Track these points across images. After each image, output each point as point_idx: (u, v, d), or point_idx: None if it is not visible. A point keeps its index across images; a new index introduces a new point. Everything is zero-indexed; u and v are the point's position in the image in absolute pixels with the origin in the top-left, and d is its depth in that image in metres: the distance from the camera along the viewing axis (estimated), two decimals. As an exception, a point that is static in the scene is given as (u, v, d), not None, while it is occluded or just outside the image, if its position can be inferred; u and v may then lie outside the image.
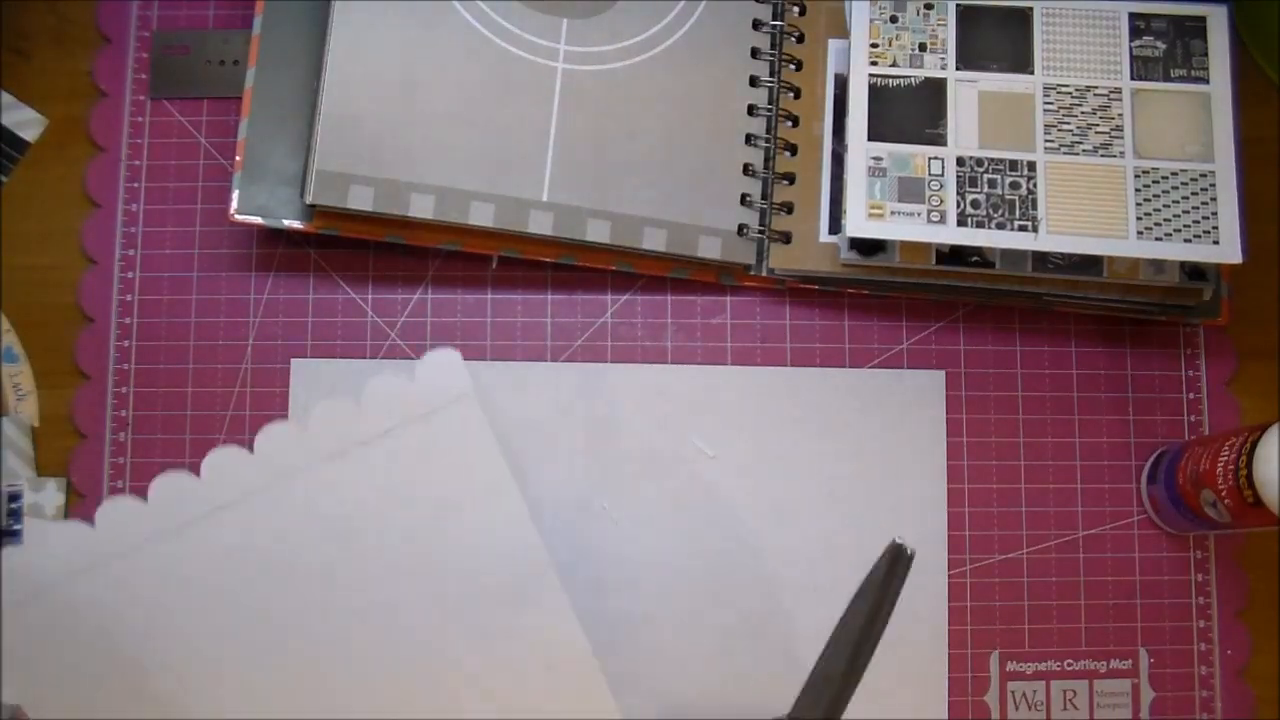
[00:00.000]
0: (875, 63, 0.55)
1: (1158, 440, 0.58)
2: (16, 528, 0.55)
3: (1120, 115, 0.54)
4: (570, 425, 0.57)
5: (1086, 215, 0.53)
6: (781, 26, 0.58)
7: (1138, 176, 0.53)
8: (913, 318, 0.59)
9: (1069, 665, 0.57)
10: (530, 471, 0.56)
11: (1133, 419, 0.58)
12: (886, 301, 0.59)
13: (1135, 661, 0.57)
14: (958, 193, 0.54)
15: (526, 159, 0.55)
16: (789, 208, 0.57)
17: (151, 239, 0.58)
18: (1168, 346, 0.59)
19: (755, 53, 0.58)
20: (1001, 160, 0.54)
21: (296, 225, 0.55)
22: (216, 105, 0.59)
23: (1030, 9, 0.56)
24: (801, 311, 0.59)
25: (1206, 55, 0.55)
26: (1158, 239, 0.53)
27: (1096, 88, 0.55)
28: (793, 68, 0.58)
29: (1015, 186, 0.54)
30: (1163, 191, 0.53)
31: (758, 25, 0.58)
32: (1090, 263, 0.55)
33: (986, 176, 0.54)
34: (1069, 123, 0.54)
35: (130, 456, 0.56)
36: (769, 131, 0.58)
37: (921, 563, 0.56)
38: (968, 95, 0.55)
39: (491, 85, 0.55)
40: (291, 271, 0.58)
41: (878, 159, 0.54)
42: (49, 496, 0.56)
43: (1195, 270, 0.55)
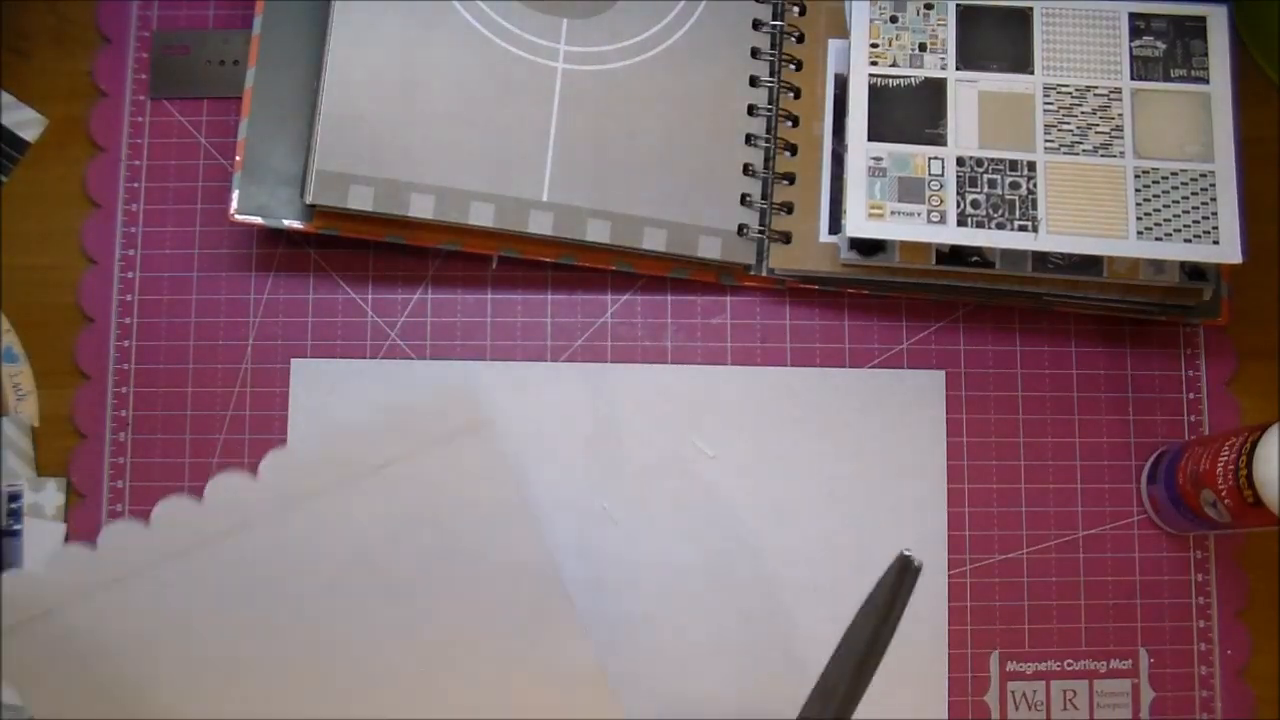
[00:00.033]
0: (875, 63, 0.55)
1: (1158, 440, 0.58)
2: (16, 528, 0.55)
3: (1120, 115, 0.54)
4: (570, 425, 0.57)
5: (1086, 215, 0.53)
6: (781, 26, 0.58)
7: (1138, 176, 0.53)
8: (913, 318, 0.59)
9: (1069, 665, 0.57)
10: (530, 472, 0.56)
11: (1133, 419, 0.58)
12: (886, 301, 0.59)
13: (1135, 661, 0.57)
14: (958, 193, 0.54)
15: (526, 159, 0.55)
16: (789, 208, 0.57)
17: (151, 239, 0.58)
18: (1168, 346, 0.59)
19: (755, 53, 0.58)
20: (1001, 160, 0.54)
21: (296, 225, 0.55)
22: (216, 105, 0.59)
23: (1030, 9, 0.56)
24: (801, 311, 0.59)
25: (1206, 55, 0.55)
26: (1158, 239, 0.53)
27: (1096, 88, 0.55)
28: (793, 68, 0.58)
29: (1015, 186, 0.54)
30: (1163, 191, 0.53)
31: (758, 25, 0.58)
32: (1090, 263, 0.55)
33: (986, 176, 0.54)
34: (1069, 123, 0.54)
35: (130, 456, 0.56)
36: (769, 131, 0.58)
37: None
38: (968, 95, 0.55)
39: (491, 85, 0.55)
40: (291, 271, 0.58)
41: (878, 159, 0.54)
42: (49, 496, 0.56)
43: (1195, 270, 0.55)
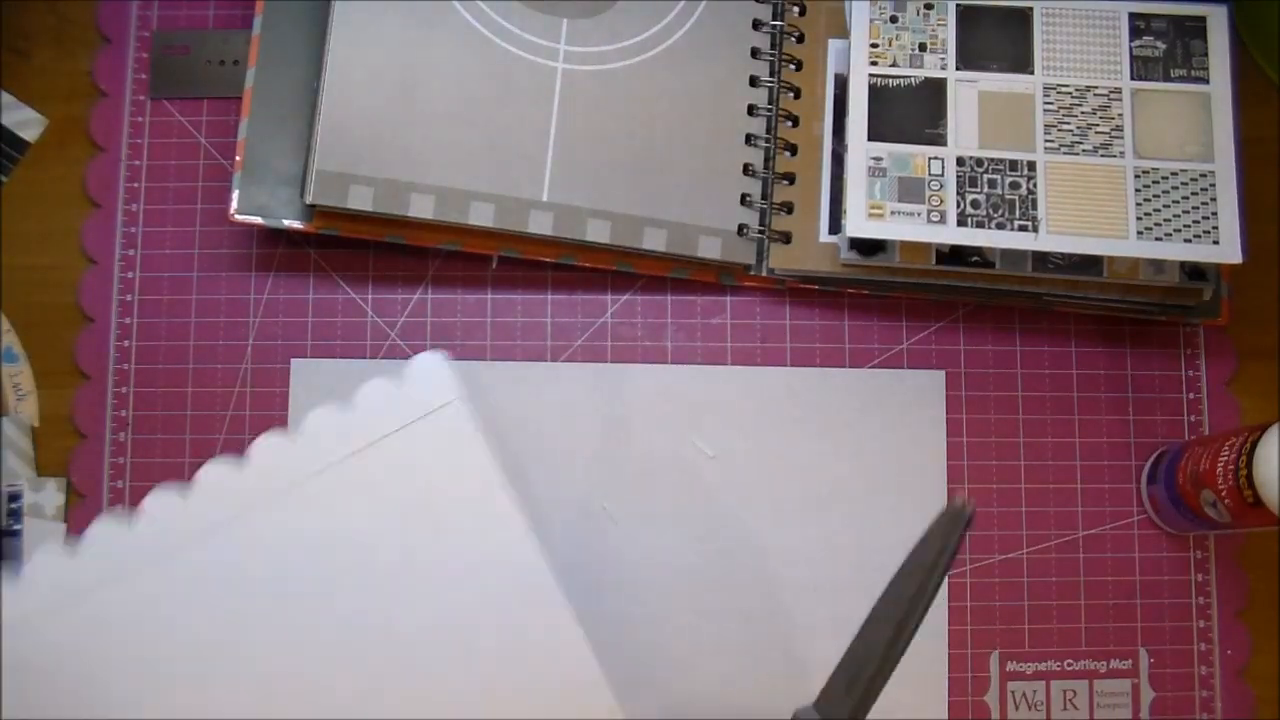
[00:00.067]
0: (875, 63, 0.55)
1: (1158, 440, 0.58)
2: (16, 528, 0.55)
3: (1120, 115, 0.54)
4: (570, 426, 0.57)
5: (1086, 215, 0.53)
6: (781, 26, 0.58)
7: (1138, 176, 0.53)
8: (913, 318, 0.59)
9: (1069, 665, 0.57)
10: (530, 472, 0.56)
11: (1133, 419, 0.58)
12: (886, 301, 0.59)
13: (1135, 661, 0.57)
14: (958, 193, 0.54)
15: (526, 159, 0.55)
16: (789, 208, 0.57)
17: (151, 239, 0.58)
18: (1168, 346, 0.59)
19: (755, 53, 0.58)
20: (1001, 160, 0.54)
21: (296, 225, 0.55)
22: (216, 105, 0.59)
23: (1030, 9, 0.56)
24: (801, 311, 0.59)
25: (1206, 55, 0.55)
26: (1158, 239, 0.53)
27: (1096, 88, 0.55)
28: (793, 68, 0.58)
29: (1015, 186, 0.54)
30: (1163, 191, 0.53)
31: (758, 25, 0.58)
32: (1090, 263, 0.55)
33: (986, 176, 0.54)
34: (1069, 123, 0.54)
35: (130, 456, 0.56)
36: (769, 131, 0.58)
37: (921, 563, 0.57)
38: (968, 95, 0.55)
39: (491, 85, 0.55)
40: (291, 271, 0.58)
41: (878, 159, 0.54)
42: (49, 496, 0.56)
43: (1195, 270, 0.55)
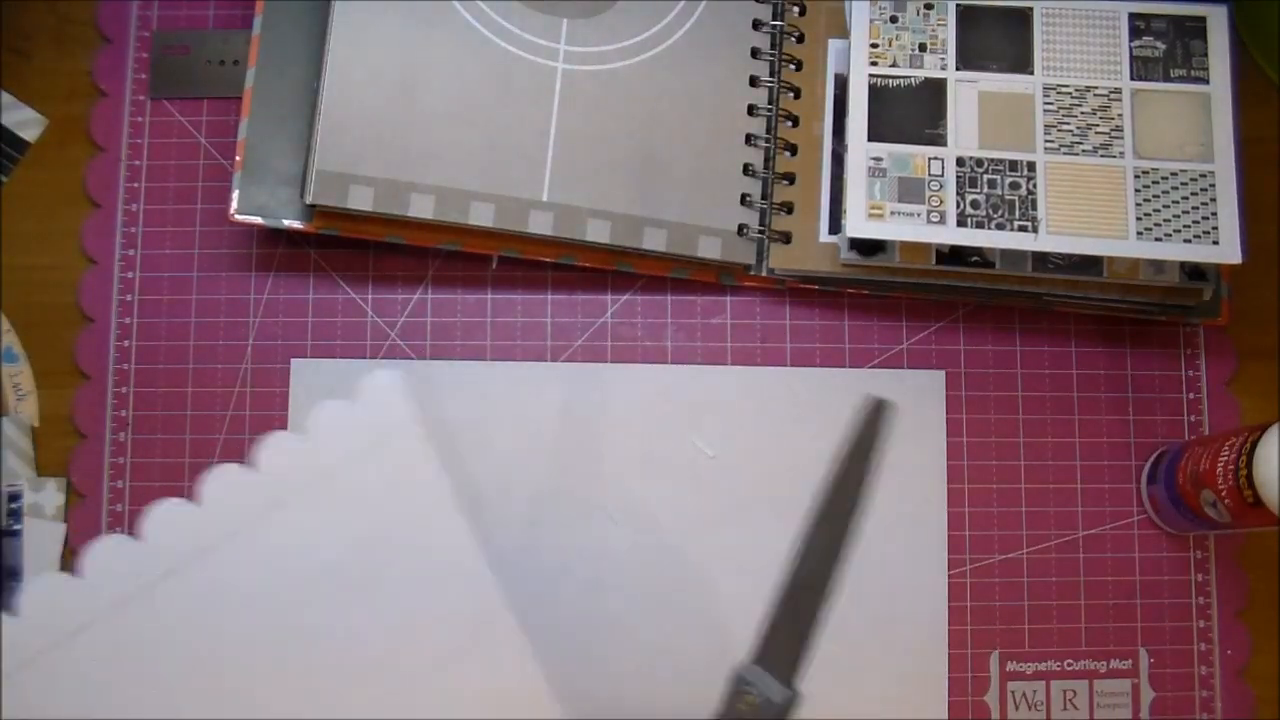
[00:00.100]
0: (875, 63, 0.55)
1: (1158, 440, 0.58)
2: (16, 528, 0.55)
3: (1120, 115, 0.54)
4: (570, 425, 0.57)
5: (1086, 215, 0.53)
6: (781, 26, 0.58)
7: (1138, 177, 0.53)
8: (913, 318, 0.59)
9: (1069, 665, 0.57)
10: (530, 471, 0.56)
11: (1133, 419, 0.58)
12: (886, 301, 0.59)
13: (1135, 661, 0.57)
14: (958, 193, 0.54)
15: (526, 159, 0.55)
16: (789, 208, 0.57)
17: (151, 239, 0.58)
18: (1168, 346, 0.59)
19: (755, 53, 0.58)
20: (1001, 160, 0.54)
21: (296, 225, 0.55)
22: (216, 105, 0.59)
23: (1030, 9, 0.56)
24: (801, 311, 0.59)
25: (1206, 55, 0.55)
26: (1158, 239, 0.53)
27: (1096, 88, 0.55)
28: (793, 68, 0.58)
29: (1015, 187, 0.54)
30: (1163, 192, 0.53)
31: (758, 25, 0.58)
32: (1090, 263, 0.55)
33: (986, 177, 0.54)
34: (1069, 123, 0.54)
35: (130, 456, 0.56)
36: (769, 131, 0.58)
37: (921, 563, 0.57)
38: (968, 95, 0.55)
39: (491, 85, 0.55)
40: (291, 271, 0.58)
41: (878, 159, 0.54)
42: (49, 496, 0.56)
43: (1195, 270, 0.55)
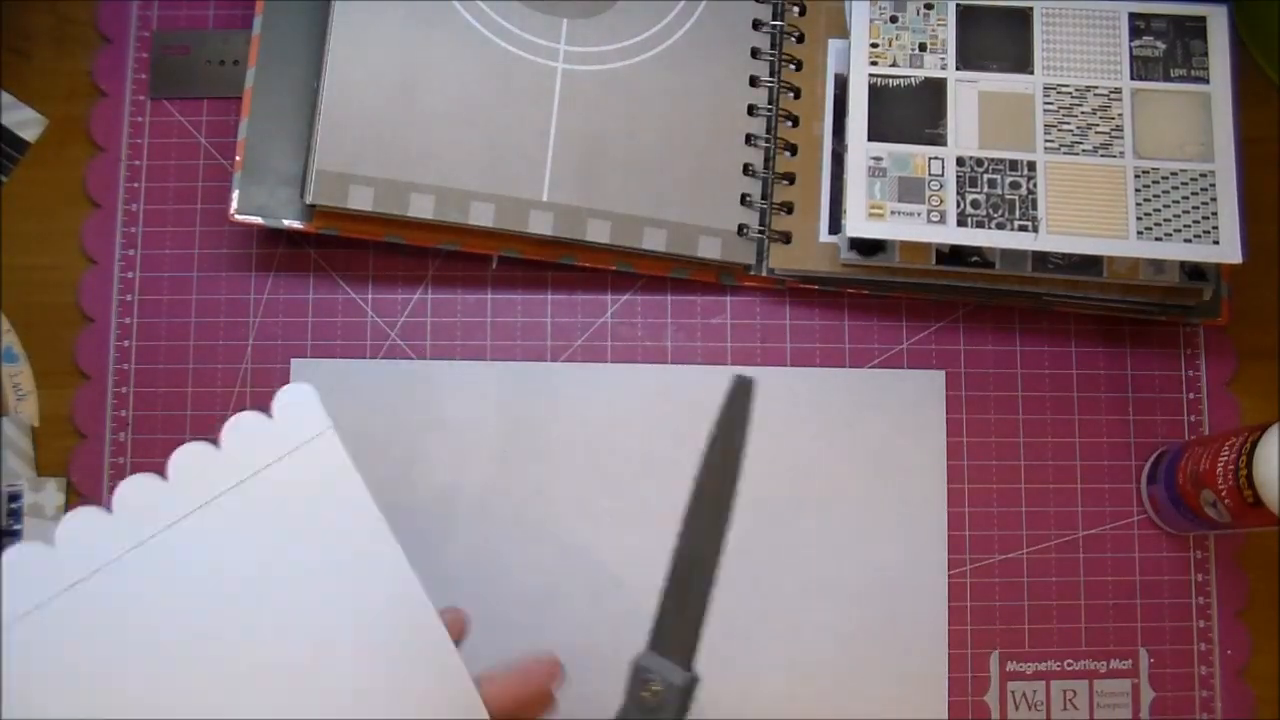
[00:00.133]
0: (875, 63, 0.55)
1: (1158, 440, 0.58)
2: (16, 528, 0.55)
3: (1120, 115, 0.54)
4: (570, 426, 0.57)
5: (1086, 215, 0.53)
6: (781, 26, 0.58)
7: (1138, 176, 0.53)
8: (913, 318, 0.59)
9: (1069, 665, 0.57)
10: (530, 471, 0.56)
11: (1133, 419, 0.58)
12: (886, 301, 0.59)
13: (1135, 661, 0.57)
14: (958, 193, 0.54)
15: (526, 159, 0.55)
16: (789, 208, 0.57)
17: (151, 239, 0.58)
18: (1168, 346, 0.59)
19: (755, 53, 0.58)
20: (1001, 160, 0.54)
21: (296, 225, 0.55)
22: (216, 105, 0.59)
23: (1030, 9, 0.56)
24: (801, 311, 0.59)
25: (1206, 55, 0.55)
26: (1158, 239, 0.53)
27: (1096, 88, 0.55)
28: (793, 68, 0.58)
29: (1015, 186, 0.54)
30: (1163, 191, 0.53)
31: (758, 25, 0.58)
32: (1090, 263, 0.55)
33: (986, 176, 0.54)
34: (1069, 123, 0.54)
35: (130, 456, 0.56)
36: (769, 131, 0.58)
37: (921, 563, 0.57)
38: (968, 95, 0.55)
39: (491, 85, 0.55)
40: (291, 271, 0.58)
41: (878, 159, 0.54)
42: (49, 496, 0.56)
43: (1195, 270, 0.55)
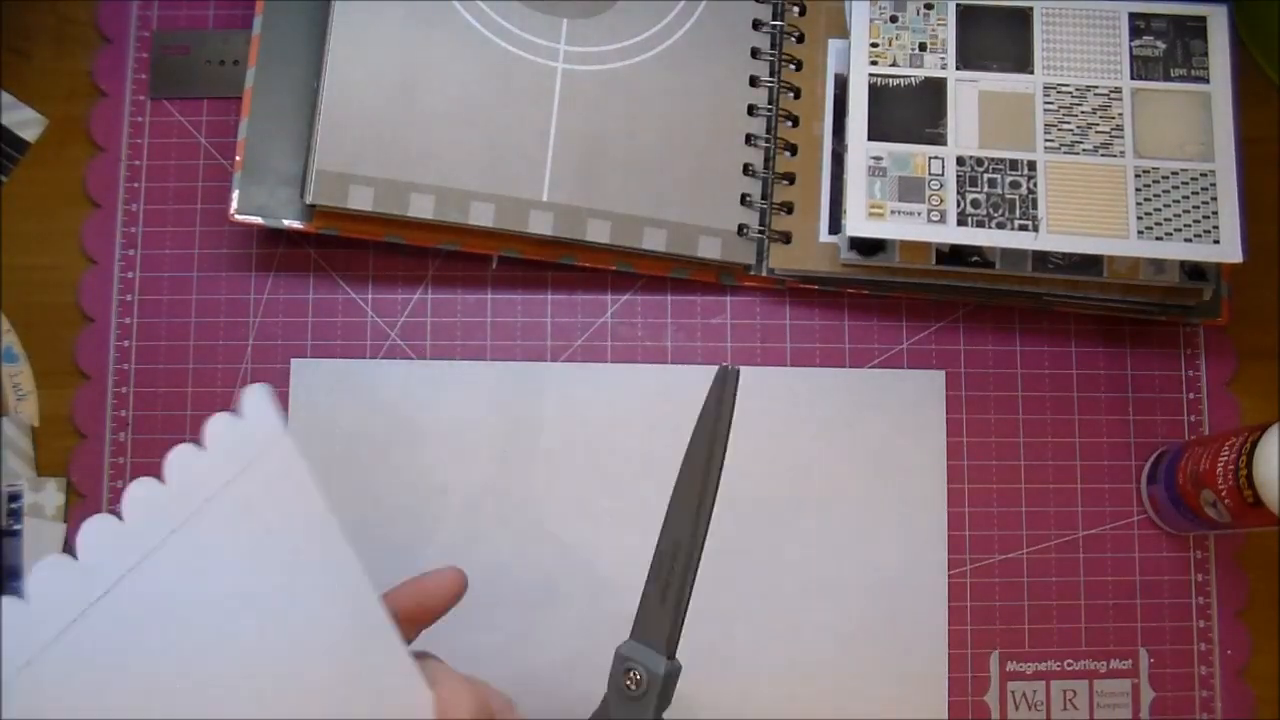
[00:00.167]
0: (875, 62, 0.55)
1: (1158, 440, 0.58)
2: (16, 528, 0.55)
3: (1120, 115, 0.54)
4: (569, 425, 0.57)
5: (1086, 215, 0.53)
6: (781, 26, 0.58)
7: (1138, 176, 0.53)
8: (913, 318, 0.59)
9: (1069, 665, 0.57)
10: (529, 471, 0.56)
11: (1133, 419, 0.58)
12: (886, 301, 0.59)
13: (1135, 661, 0.57)
14: (958, 192, 0.54)
15: (526, 159, 0.55)
16: (789, 208, 0.57)
17: (151, 239, 0.58)
18: (1168, 346, 0.59)
19: (755, 53, 0.58)
20: (1001, 160, 0.54)
21: (296, 225, 0.55)
22: (216, 105, 0.59)
23: (1030, 9, 0.56)
24: (801, 311, 0.59)
25: (1206, 55, 0.55)
26: (1158, 238, 0.53)
27: (1096, 87, 0.55)
28: (793, 68, 0.58)
29: (1015, 186, 0.54)
30: (1163, 191, 0.53)
31: (758, 25, 0.58)
32: (1090, 263, 0.55)
33: (986, 176, 0.54)
34: (1069, 122, 0.54)
35: (130, 456, 0.56)
36: (769, 131, 0.58)
37: (921, 563, 0.57)
38: (968, 95, 0.55)
39: (491, 85, 0.55)
40: (291, 271, 0.58)
41: (878, 159, 0.54)
42: (49, 496, 0.56)
43: (1195, 270, 0.55)
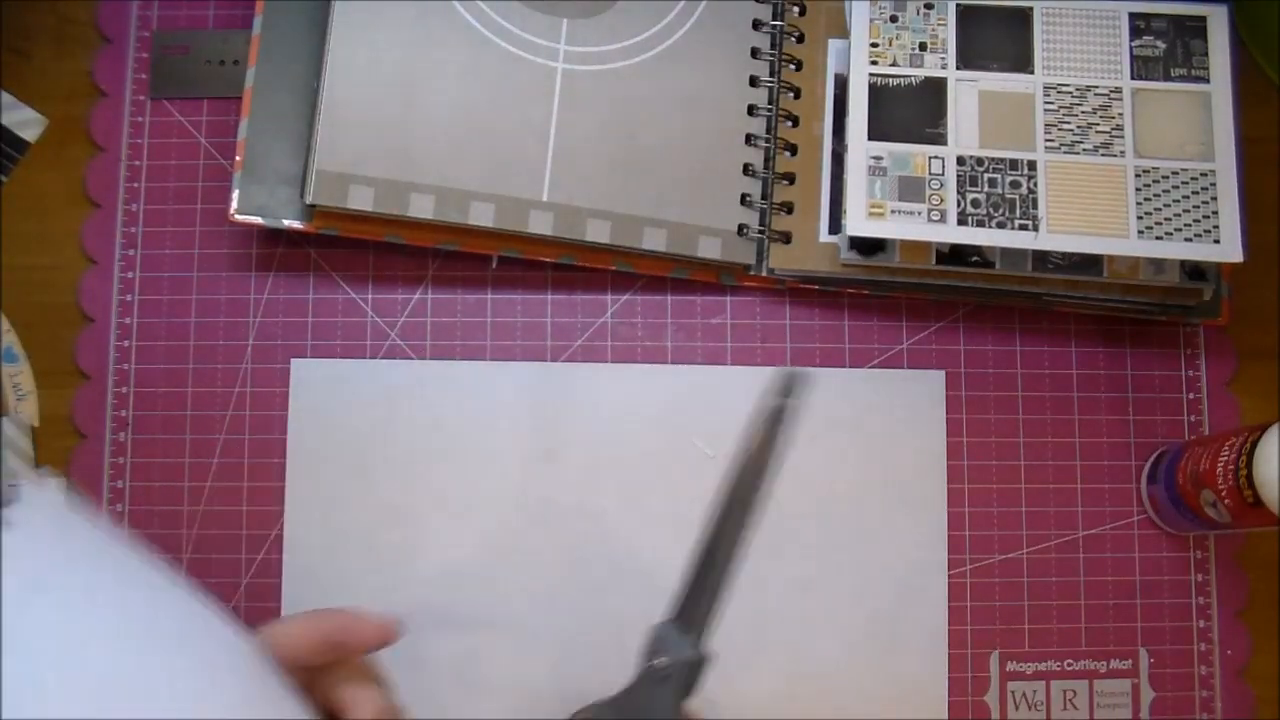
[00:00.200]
0: (875, 62, 0.55)
1: (1158, 440, 0.58)
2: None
3: (1120, 115, 0.54)
4: (569, 425, 0.57)
5: (1087, 215, 0.53)
6: (781, 26, 0.58)
7: (1138, 176, 0.53)
8: (913, 318, 0.59)
9: (1069, 665, 0.57)
10: (529, 471, 0.56)
11: (1133, 419, 0.58)
12: (886, 301, 0.59)
13: (1135, 661, 0.57)
14: (958, 192, 0.54)
15: (526, 159, 0.55)
16: (789, 208, 0.57)
17: (151, 239, 0.58)
18: (1168, 346, 0.59)
19: (755, 53, 0.58)
20: (1002, 159, 0.54)
21: (296, 225, 0.55)
22: (216, 105, 0.59)
23: (1030, 9, 0.56)
24: (801, 311, 0.59)
25: (1206, 55, 0.55)
26: (1158, 238, 0.53)
27: (1097, 87, 0.55)
28: (793, 68, 0.58)
29: (1015, 186, 0.54)
30: (1163, 191, 0.53)
31: (758, 25, 0.58)
32: (1090, 263, 0.55)
33: (987, 176, 0.54)
34: (1069, 122, 0.54)
35: (130, 456, 0.56)
36: (769, 131, 0.58)
37: (921, 563, 0.57)
38: (968, 95, 0.55)
39: (491, 85, 0.55)
40: (291, 271, 0.58)
41: (878, 158, 0.54)
42: (49, 496, 0.56)
43: (1195, 270, 0.55)
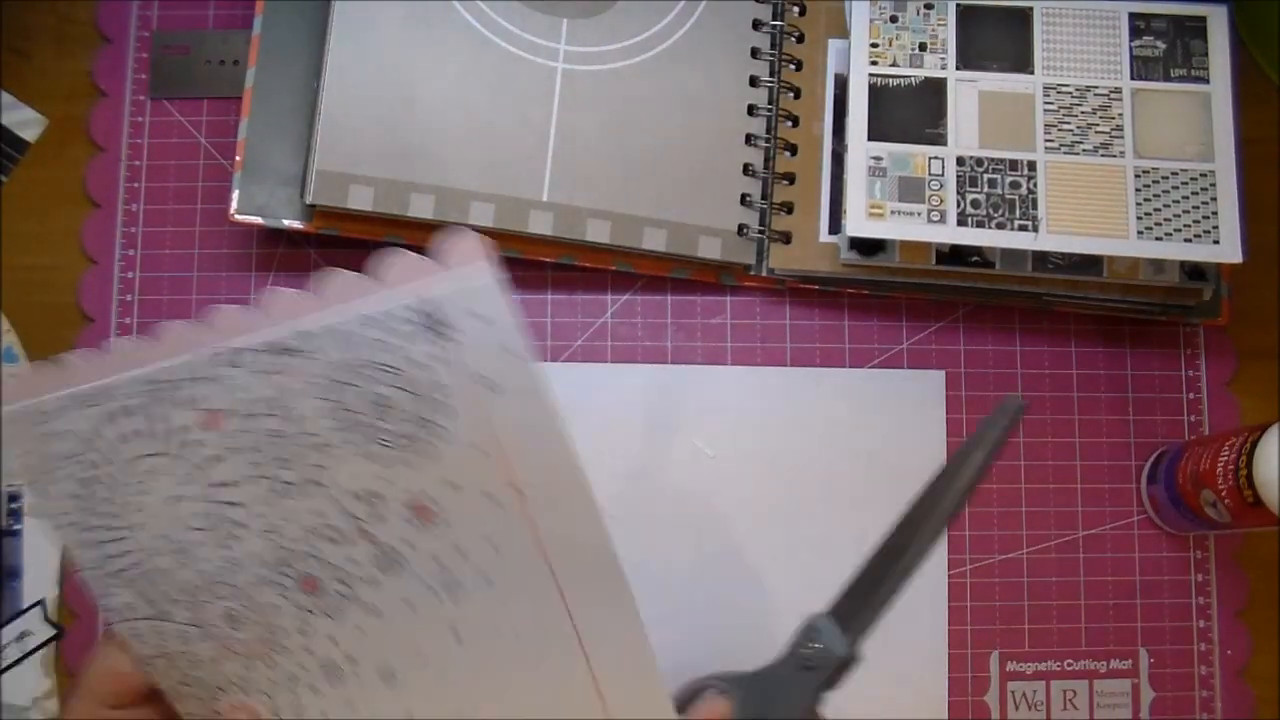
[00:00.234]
0: (875, 62, 0.55)
1: (1158, 440, 0.58)
2: (17, 528, 0.55)
3: (1120, 115, 0.54)
4: (569, 426, 0.57)
5: (1086, 215, 0.53)
6: (781, 26, 0.58)
7: (1138, 176, 0.53)
8: (913, 318, 0.59)
9: (1069, 665, 0.57)
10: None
11: (1133, 419, 0.58)
12: (886, 301, 0.59)
13: (1135, 661, 0.57)
14: (958, 192, 0.54)
15: (526, 159, 0.55)
16: (789, 208, 0.57)
17: (151, 239, 0.58)
18: (1168, 346, 0.59)
19: (755, 53, 0.58)
20: (1001, 160, 0.54)
21: (296, 225, 0.55)
22: (216, 105, 0.59)
23: (1030, 9, 0.56)
24: (801, 311, 0.59)
25: (1206, 55, 0.55)
26: (1158, 239, 0.53)
27: (1096, 88, 0.55)
28: (793, 68, 0.58)
29: (1015, 186, 0.54)
30: (1163, 191, 0.53)
31: (758, 25, 0.58)
32: (1090, 263, 0.55)
33: (986, 176, 0.54)
34: (1069, 122, 0.54)
35: (130, 456, 0.56)
36: (769, 131, 0.58)
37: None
38: (968, 95, 0.55)
39: (491, 85, 0.55)
40: (291, 271, 0.58)
41: (878, 159, 0.54)
42: (49, 496, 0.56)
43: (1195, 270, 0.55)
